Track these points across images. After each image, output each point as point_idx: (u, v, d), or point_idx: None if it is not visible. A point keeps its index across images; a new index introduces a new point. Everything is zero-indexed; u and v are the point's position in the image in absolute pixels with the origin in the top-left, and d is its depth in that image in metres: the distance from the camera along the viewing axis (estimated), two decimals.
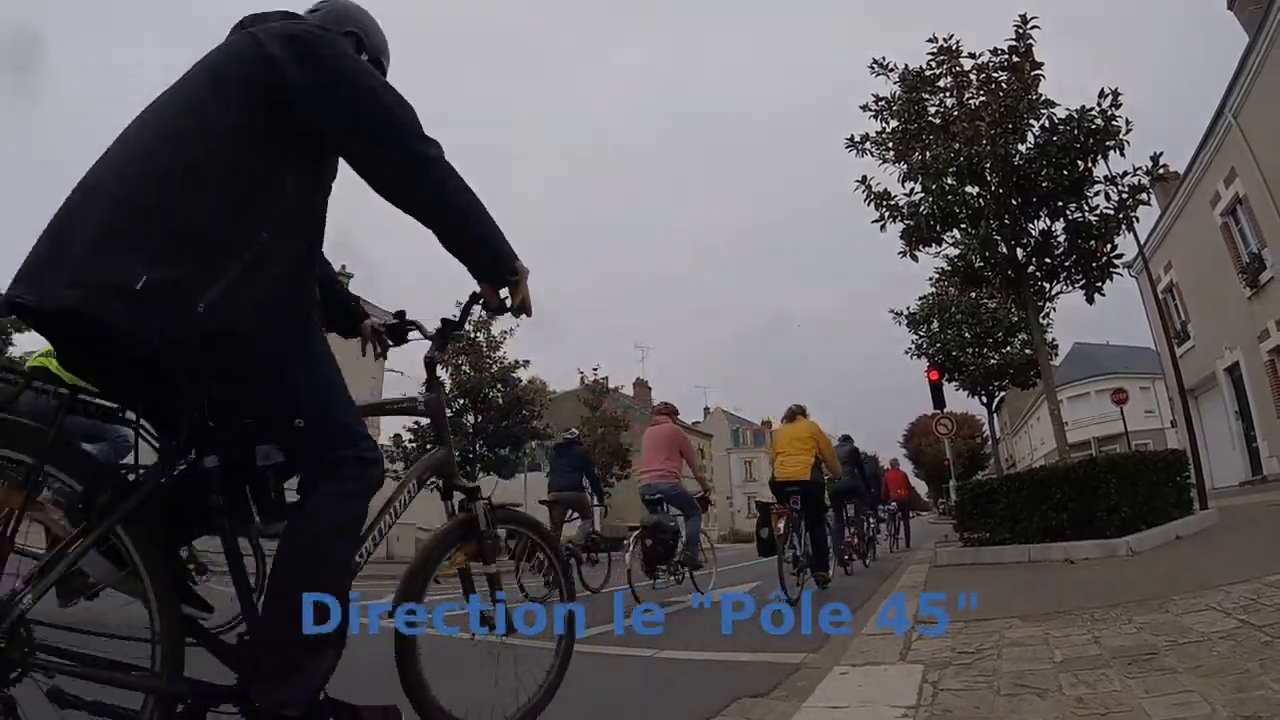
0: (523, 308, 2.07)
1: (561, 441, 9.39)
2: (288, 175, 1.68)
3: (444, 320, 2.42)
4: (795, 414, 7.79)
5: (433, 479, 2.34)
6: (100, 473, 1.55)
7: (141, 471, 1.62)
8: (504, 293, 2.04)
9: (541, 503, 8.78)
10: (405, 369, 29.79)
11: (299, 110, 1.67)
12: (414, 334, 2.54)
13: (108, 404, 1.66)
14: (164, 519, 1.61)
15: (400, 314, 2.52)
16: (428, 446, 22.54)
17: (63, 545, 1.48)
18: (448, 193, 1.80)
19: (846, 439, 11.16)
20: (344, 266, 32.15)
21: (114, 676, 1.46)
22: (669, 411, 8.55)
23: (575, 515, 8.70)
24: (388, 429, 25.11)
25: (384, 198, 1.78)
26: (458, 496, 2.34)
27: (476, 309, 2.23)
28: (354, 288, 31.27)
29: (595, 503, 9.14)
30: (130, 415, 1.71)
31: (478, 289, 2.07)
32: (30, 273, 1.46)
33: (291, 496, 1.83)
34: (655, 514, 7.65)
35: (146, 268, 1.41)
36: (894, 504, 16.07)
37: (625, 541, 7.79)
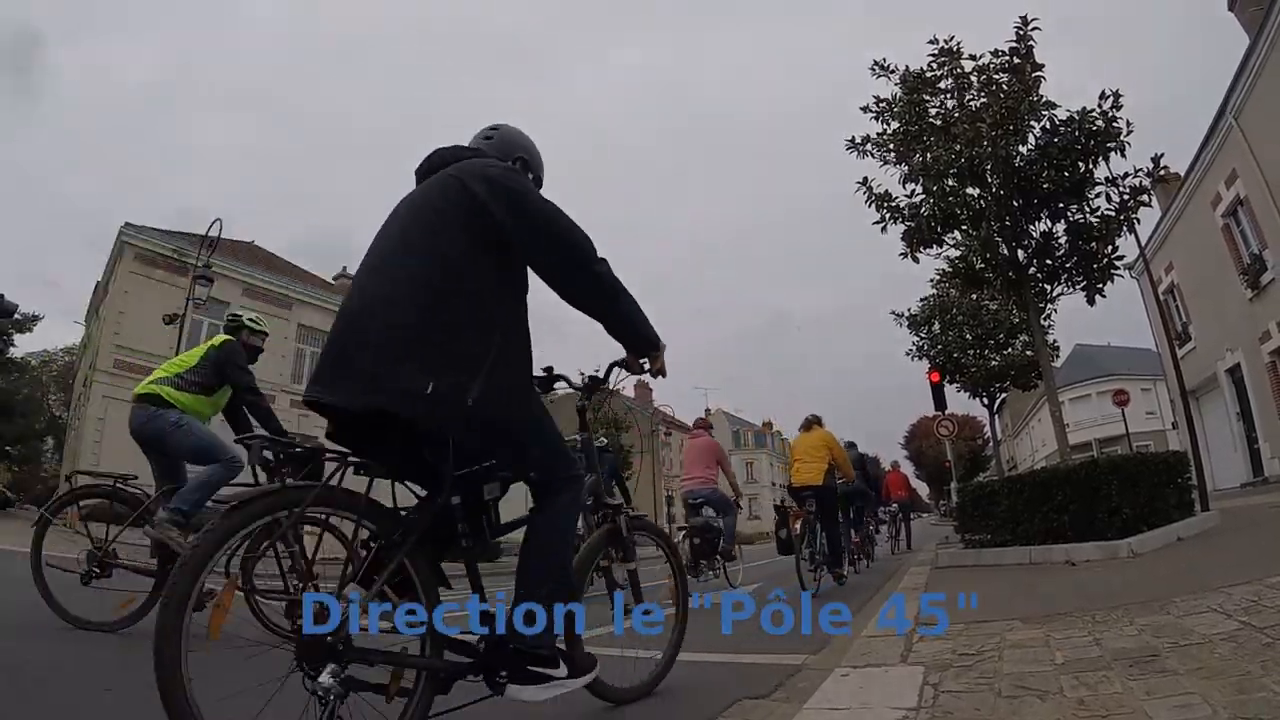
0: (659, 372, 2.65)
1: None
2: (507, 293, 2.26)
3: (591, 376, 3.09)
4: (811, 423, 8.31)
5: None
6: (394, 520, 2.11)
7: (407, 513, 2.17)
8: (644, 362, 2.64)
9: None
10: None
11: (510, 243, 2.23)
12: (561, 385, 3.00)
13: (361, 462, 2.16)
14: (426, 544, 2.15)
15: (548, 369, 2.95)
16: None
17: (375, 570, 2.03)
18: (617, 300, 2.39)
19: (851, 445, 11.28)
20: (345, 268, 32.23)
21: (404, 659, 2.03)
22: (706, 426, 9.35)
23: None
24: None
25: (566, 301, 2.34)
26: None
27: (620, 370, 2.87)
28: None
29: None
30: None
31: (623, 357, 2.70)
32: (326, 380, 2.07)
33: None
34: (698, 516, 8.37)
35: (432, 378, 1.99)
36: (895, 505, 16.07)
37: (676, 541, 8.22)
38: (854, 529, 10.39)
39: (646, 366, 2.65)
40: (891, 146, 9.99)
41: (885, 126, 10.07)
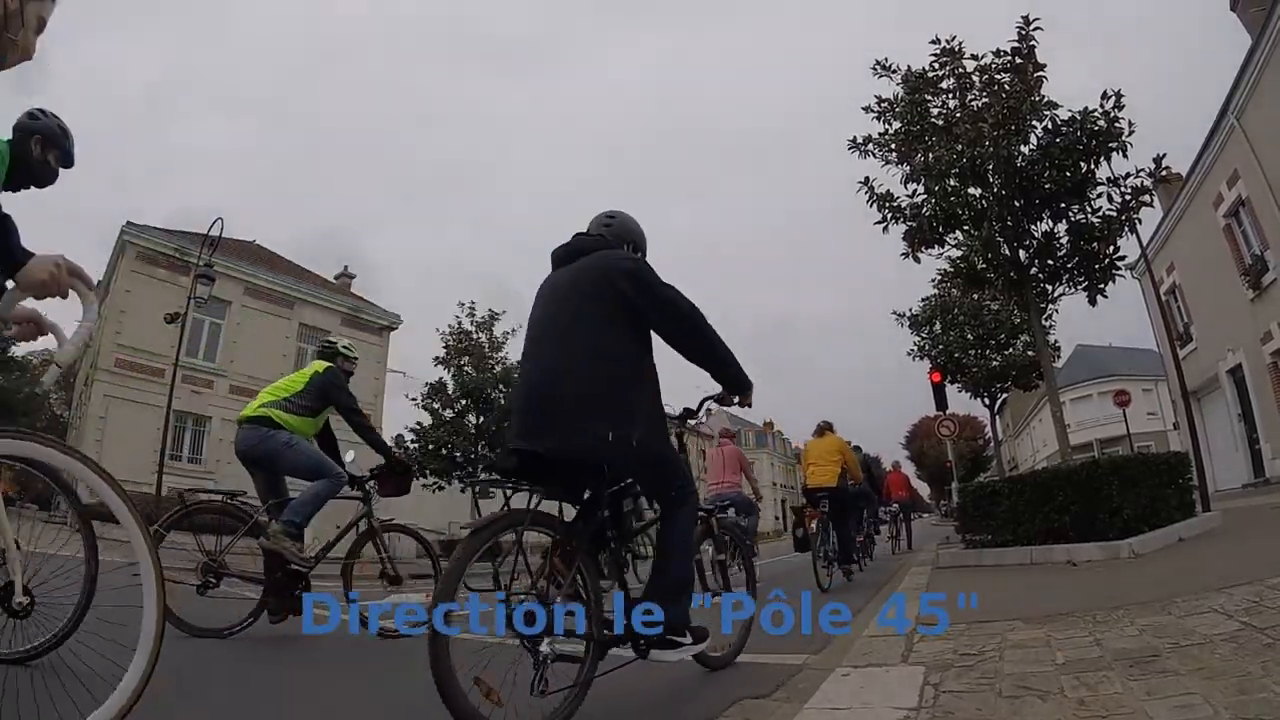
0: (747, 405, 3.39)
1: None
2: (645, 353, 3.02)
3: (685, 409, 3.69)
4: (824, 429, 9.03)
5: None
6: (571, 530, 2.79)
7: (577, 525, 2.85)
8: (736, 397, 3.31)
9: None
10: (407, 369, 29.79)
11: (647, 321, 3.00)
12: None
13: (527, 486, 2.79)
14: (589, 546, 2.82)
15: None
16: (429, 447, 22.69)
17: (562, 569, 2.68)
18: (727, 358, 3.15)
19: (857, 449, 11.38)
20: (346, 267, 32.26)
21: (589, 634, 2.68)
22: (731, 436, 10.43)
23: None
24: (390, 429, 25.16)
25: (682, 355, 3.07)
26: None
27: (713, 404, 3.54)
28: (356, 288, 31.38)
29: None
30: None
31: (718, 392, 3.35)
32: (529, 434, 2.78)
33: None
34: (726, 516, 8.64)
35: (611, 428, 2.70)
36: (895, 505, 16.06)
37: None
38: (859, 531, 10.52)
39: (737, 400, 3.34)
40: (893, 146, 9.99)
41: (887, 126, 10.07)
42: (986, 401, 19.26)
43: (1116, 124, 8.76)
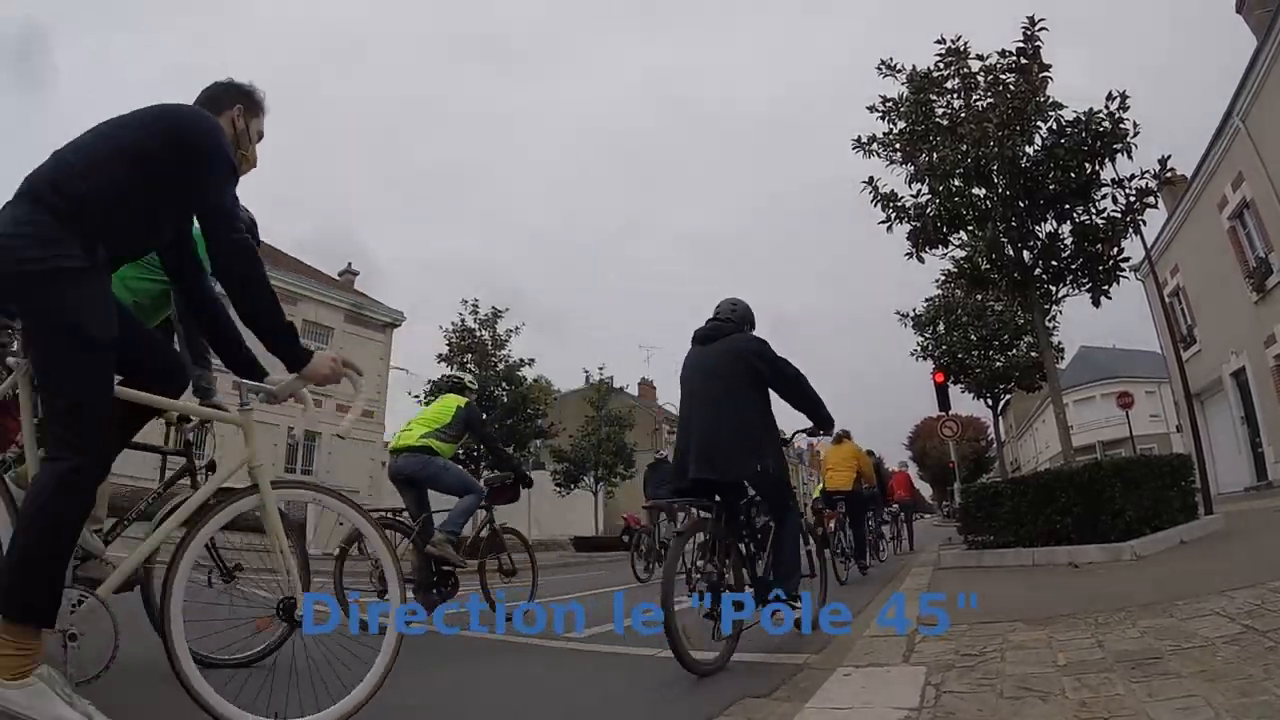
0: (828, 435, 4.85)
1: (654, 461, 12.39)
2: (769, 407, 4.29)
3: (781, 438, 4.59)
4: (842, 437, 9.85)
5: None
6: (725, 531, 3.93)
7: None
8: (821, 432, 4.56)
9: (644, 508, 11.62)
10: (410, 366, 29.81)
11: (770, 384, 4.25)
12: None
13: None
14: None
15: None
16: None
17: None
18: (820, 405, 4.37)
19: (869, 453, 11.54)
20: (349, 264, 32.28)
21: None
22: None
23: (666, 517, 10.86)
24: (394, 425, 25.23)
25: (791, 406, 4.36)
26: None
27: (803, 435, 4.69)
28: (359, 285, 31.41)
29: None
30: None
31: (809, 426, 4.50)
32: (703, 467, 4.00)
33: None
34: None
35: (758, 461, 4.03)
36: (895, 506, 16.04)
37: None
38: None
39: (821, 433, 4.58)
40: (898, 146, 9.98)
41: (891, 126, 10.06)
42: (989, 402, 19.25)
43: (1121, 125, 8.76)
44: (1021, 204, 9.26)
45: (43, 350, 2.03)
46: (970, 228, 9.73)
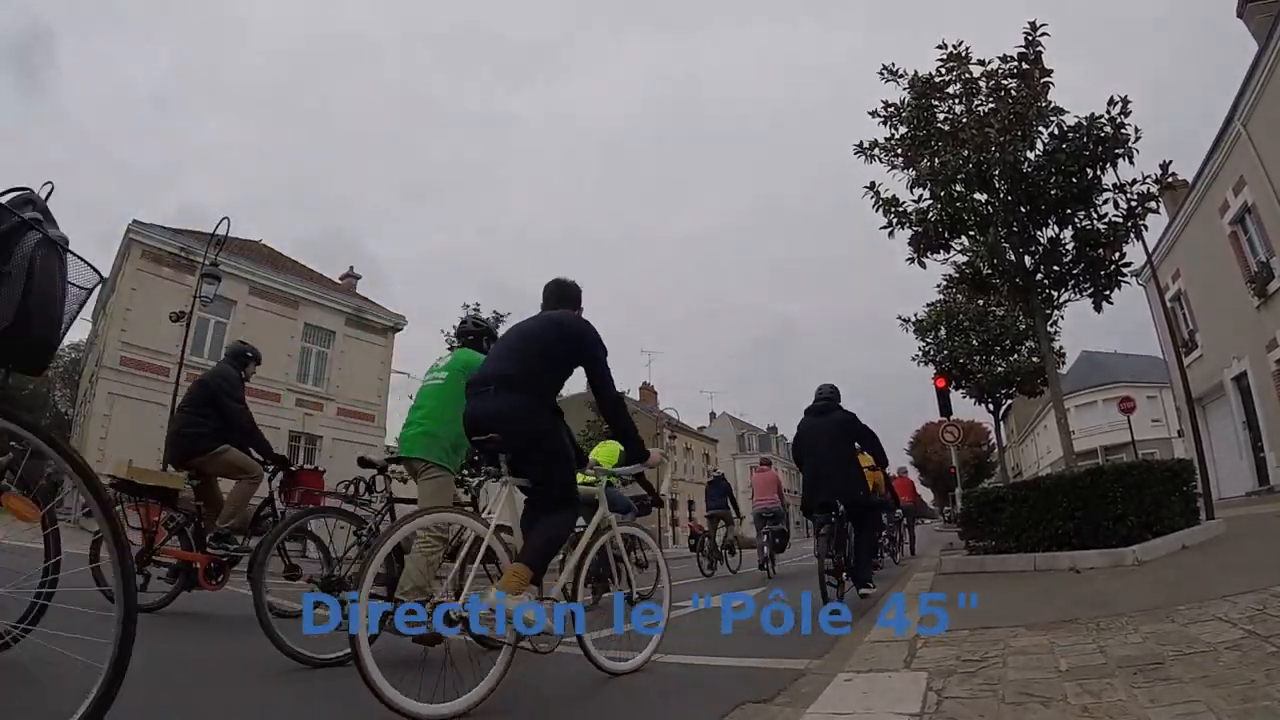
0: (885, 466, 8.19)
1: (712, 479, 13.74)
2: (856, 456, 7.18)
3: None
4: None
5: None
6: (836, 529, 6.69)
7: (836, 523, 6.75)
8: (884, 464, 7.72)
9: (706, 516, 13.47)
10: (411, 370, 29.85)
11: (858, 440, 7.19)
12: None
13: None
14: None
15: None
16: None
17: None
18: (884, 452, 7.41)
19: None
20: (351, 268, 32.29)
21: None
22: (768, 464, 13.73)
23: (723, 524, 13.18)
24: (395, 429, 25.19)
25: (868, 452, 7.36)
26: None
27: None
28: (361, 289, 31.43)
29: (735, 516, 13.48)
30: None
31: (872, 464, 7.67)
32: (826, 494, 6.74)
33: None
34: (769, 525, 12.00)
35: (859, 490, 6.87)
36: (900, 511, 16.00)
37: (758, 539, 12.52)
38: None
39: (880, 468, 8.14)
40: (899, 151, 9.98)
41: (893, 131, 10.07)
42: (991, 407, 19.18)
43: (1123, 130, 8.75)
44: (1023, 209, 9.26)
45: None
46: (972, 233, 9.73)
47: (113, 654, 1.81)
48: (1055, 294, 9.84)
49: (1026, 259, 9.63)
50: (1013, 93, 9.31)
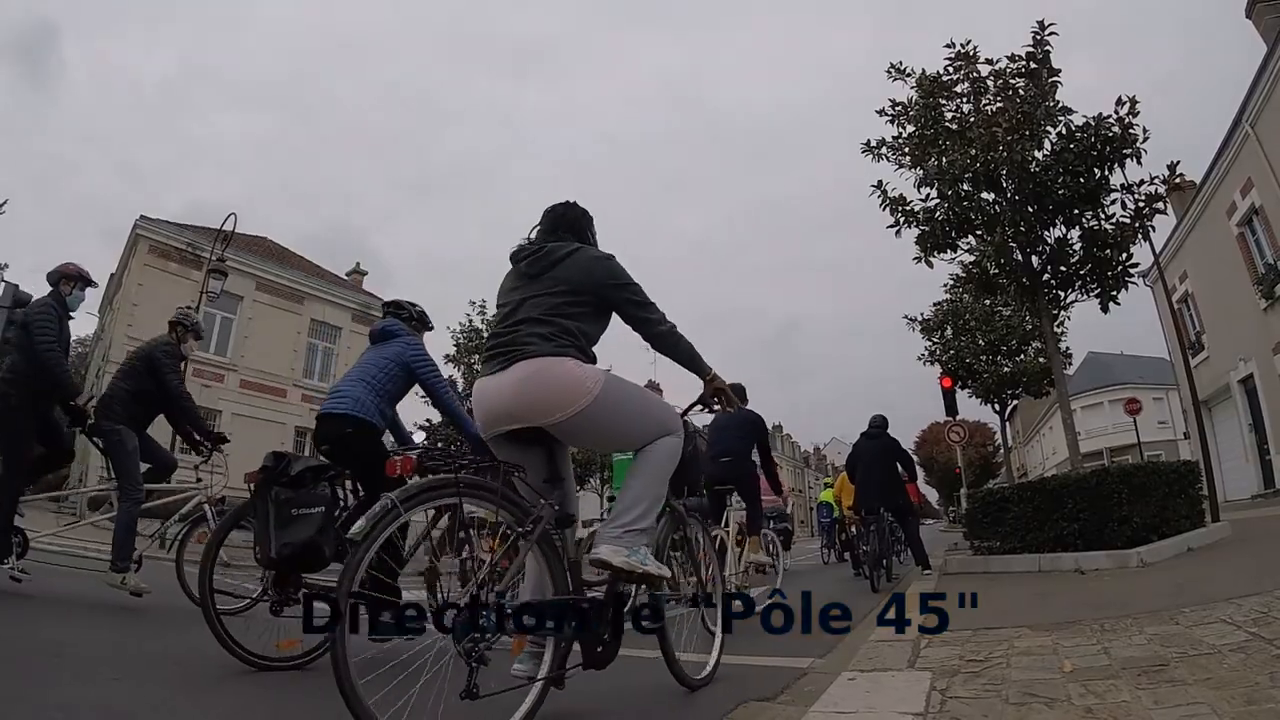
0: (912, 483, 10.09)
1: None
2: (898, 470, 9.18)
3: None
4: None
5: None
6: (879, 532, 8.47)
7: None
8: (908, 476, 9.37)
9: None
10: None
11: (899, 461, 9.19)
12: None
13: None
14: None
15: None
16: (438, 444, 22.72)
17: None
18: (914, 464, 9.94)
19: None
20: (358, 264, 32.36)
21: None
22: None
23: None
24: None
25: (903, 467, 9.26)
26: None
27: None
28: (368, 285, 31.48)
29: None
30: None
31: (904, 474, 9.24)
32: (874, 501, 8.68)
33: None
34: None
35: (900, 498, 8.90)
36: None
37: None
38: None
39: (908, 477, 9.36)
40: (907, 150, 9.96)
41: (901, 130, 10.05)
42: (997, 408, 19.14)
43: (1131, 130, 8.72)
44: (1030, 209, 9.23)
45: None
46: (979, 232, 9.71)
47: None
48: (1062, 294, 9.81)
49: (1033, 259, 9.60)
50: (1021, 92, 9.29)
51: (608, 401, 2.64)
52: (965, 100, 9.80)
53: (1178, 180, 9.15)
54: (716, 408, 3.27)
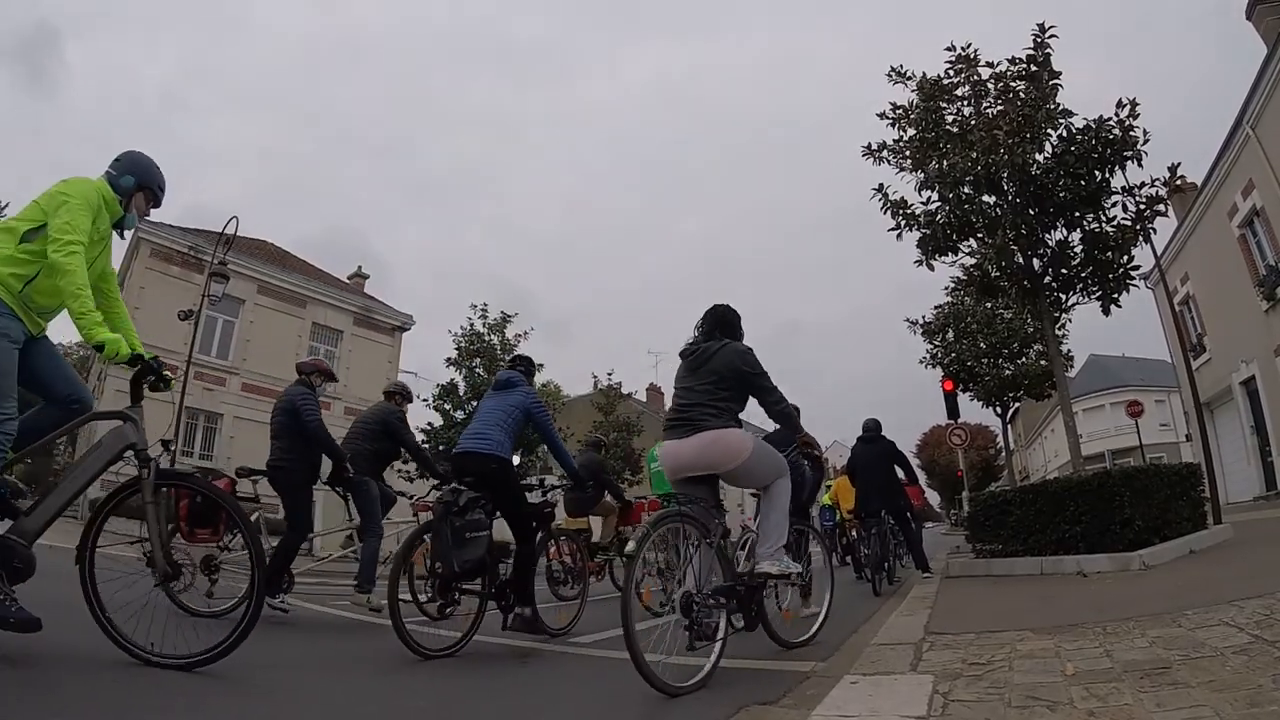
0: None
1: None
2: (896, 472, 9.08)
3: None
4: None
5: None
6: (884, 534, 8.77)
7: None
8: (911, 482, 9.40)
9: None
10: (419, 370, 29.95)
11: (895, 464, 9.11)
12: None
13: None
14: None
15: None
16: (440, 447, 22.76)
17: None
18: (912, 468, 9.51)
19: None
20: (359, 267, 32.37)
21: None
22: None
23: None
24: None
25: (901, 472, 9.08)
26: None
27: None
28: (369, 288, 31.50)
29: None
30: None
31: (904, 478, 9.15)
32: (875, 503, 8.67)
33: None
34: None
35: (900, 500, 8.86)
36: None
37: None
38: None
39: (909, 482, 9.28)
40: (908, 153, 9.97)
41: (902, 133, 10.06)
42: (998, 411, 19.13)
43: (1131, 133, 8.73)
44: (1031, 212, 9.23)
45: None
46: (980, 235, 9.71)
47: None
48: (1063, 297, 9.81)
49: (1035, 261, 9.61)
50: (1021, 95, 9.30)
51: (754, 457, 3.85)
52: (966, 103, 9.81)
53: (1179, 182, 9.16)
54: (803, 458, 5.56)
